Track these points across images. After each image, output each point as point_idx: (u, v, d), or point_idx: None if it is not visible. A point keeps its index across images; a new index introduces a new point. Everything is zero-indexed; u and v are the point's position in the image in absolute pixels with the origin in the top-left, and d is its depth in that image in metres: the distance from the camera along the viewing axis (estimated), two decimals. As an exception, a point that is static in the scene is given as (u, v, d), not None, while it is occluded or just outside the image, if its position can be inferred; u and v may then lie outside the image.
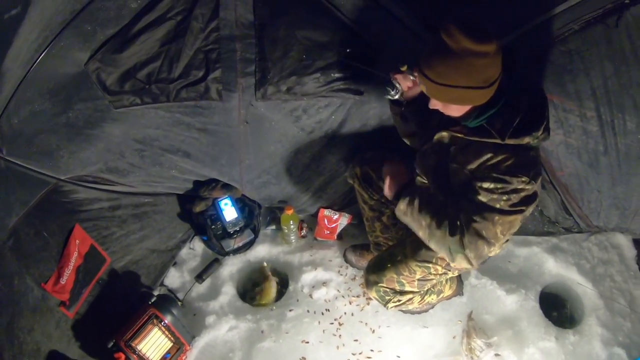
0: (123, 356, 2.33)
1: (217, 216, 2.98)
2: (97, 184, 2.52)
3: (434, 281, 2.44)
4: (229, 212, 2.97)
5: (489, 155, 1.86)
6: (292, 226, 3.03)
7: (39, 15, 1.84)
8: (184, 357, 2.60)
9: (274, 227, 3.23)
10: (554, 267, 2.95)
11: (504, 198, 1.82)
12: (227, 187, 2.95)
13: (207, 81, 2.27)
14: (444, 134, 2.03)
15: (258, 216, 3.17)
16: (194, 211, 2.99)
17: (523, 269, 2.97)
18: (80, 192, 2.43)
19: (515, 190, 1.81)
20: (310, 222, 3.22)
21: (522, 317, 2.75)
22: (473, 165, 1.92)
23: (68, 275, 2.24)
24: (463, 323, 2.73)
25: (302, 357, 2.65)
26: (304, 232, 3.17)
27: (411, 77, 2.01)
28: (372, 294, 2.44)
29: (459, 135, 1.95)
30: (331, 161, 2.79)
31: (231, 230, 2.98)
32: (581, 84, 2.17)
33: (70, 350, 2.29)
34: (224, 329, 2.76)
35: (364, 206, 2.72)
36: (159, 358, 2.47)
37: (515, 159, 1.82)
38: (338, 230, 3.15)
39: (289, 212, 2.95)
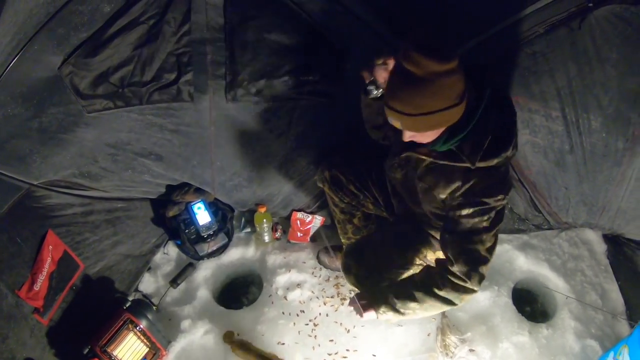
0: (98, 362, 2.35)
1: (191, 220, 3.03)
2: (70, 189, 2.56)
3: (411, 271, 2.52)
4: (202, 216, 3.03)
5: (458, 184, 1.92)
6: (265, 225, 3.09)
7: (12, 18, 1.87)
8: (160, 362, 2.65)
9: (248, 230, 3.30)
10: (525, 263, 3.07)
11: (485, 218, 1.91)
12: (199, 191, 3.03)
13: (179, 84, 2.34)
14: (411, 154, 2.06)
15: (231, 220, 3.24)
16: (167, 216, 3.04)
17: (495, 266, 3.06)
18: (53, 197, 2.46)
19: (494, 208, 1.91)
20: (284, 225, 3.30)
21: (496, 313, 2.85)
22: (444, 194, 2.00)
23: (42, 281, 2.27)
24: (437, 320, 2.82)
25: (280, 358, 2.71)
26: (278, 234, 3.24)
27: (384, 66, 1.96)
28: (352, 279, 2.50)
29: (428, 159, 1.99)
30: (301, 164, 2.87)
31: (205, 234, 3.03)
32: (546, 84, 2.30)
33: (45, 358, 2.31)
34: (199, 333, 2.81)
35: (334, 209, 2.78)
36: (135, 363, 2.51)
37: (488, 181, 1.89)
38: (311, 232, 3.24)
39: (262, 210, 3.02)
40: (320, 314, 2.93)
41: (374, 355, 2.76)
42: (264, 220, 3.06)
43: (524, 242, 3.14)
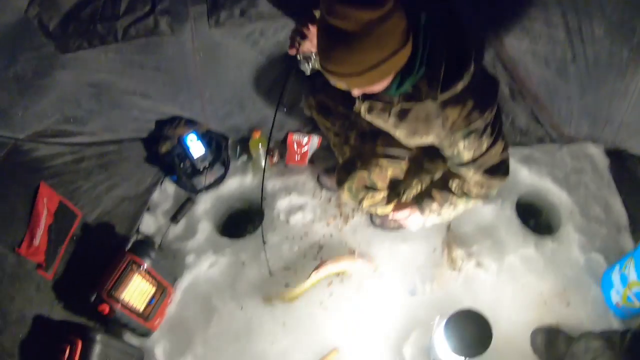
0: (107, 307, 2.35)
1: (185, 154, 2.99)
2: (57, 138, 2.50)
3: (407, 185, 2.51)
4: (196, 148, 2.99)
5: (438, 127, 1.82)
6: (261, 150, 3.04)
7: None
8: (168, 300, 2.70)
9: (244, 157, 3.25)
10: (527, 176, 3.04)
11: (485, 138, 1.83)
12: (191, 123, 2.97)
13: (155, 14, 2.25)
14: (374, 102, 1.94)
15: (226, 148, 3.19)
16: (160, 152, 2.99)
17: (497, 179, 3.07)
18: (41, 149, 2.41)
19: (487, 124, 1.81)
20: (281, 149, 3.25)
21: (500, 226, 2.87)
22: (427, 139, 1.92)
23: (40, 236, 2.25)
24: (442, 235, 2.85)
25: (286, 283, 2.76)
26: (275, 159, 3.21)
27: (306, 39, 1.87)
28: (345, 193, 2.46)
29: (394, 105, 1.87)
30: (293, 83, 2.77)
31: (200, 167, 3.02)
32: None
33: (55, 312, 2.32)
34: (204, 266, 2.85)
35: (328, 134, 2.71)
36: (144, 304, 2.54)
37: (465, 108, 1.76)
38: (309, 154, 3.20)
39: (257, 135, 2.98)
40: (324, 235, 2.95)
41: (382, 273, 2.79)
42: (260, 145, 3.01)
43: (526, 155, 3.08)
